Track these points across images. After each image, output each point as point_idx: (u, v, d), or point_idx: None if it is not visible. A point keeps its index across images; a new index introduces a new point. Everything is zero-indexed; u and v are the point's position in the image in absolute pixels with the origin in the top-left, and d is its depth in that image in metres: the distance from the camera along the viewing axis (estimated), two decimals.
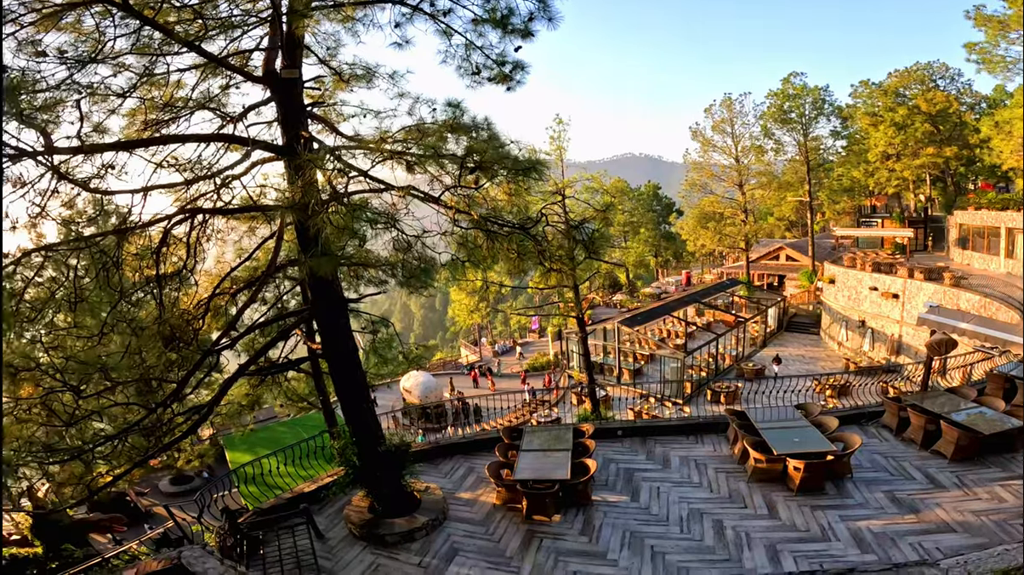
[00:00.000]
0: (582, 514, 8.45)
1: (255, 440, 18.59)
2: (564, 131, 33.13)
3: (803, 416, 10.31)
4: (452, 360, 49.61)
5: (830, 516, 7.81)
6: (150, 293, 7.37)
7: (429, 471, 10.38)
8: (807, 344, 32.29)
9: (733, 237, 43.86)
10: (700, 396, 23.40)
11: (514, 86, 7.72)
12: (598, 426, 11.36)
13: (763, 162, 42.69)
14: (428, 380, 27.46)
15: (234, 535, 7.90)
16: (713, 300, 33.75)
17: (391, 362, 10.28)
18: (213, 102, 7.93)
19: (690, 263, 63.23)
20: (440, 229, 7.17)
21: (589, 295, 51.75)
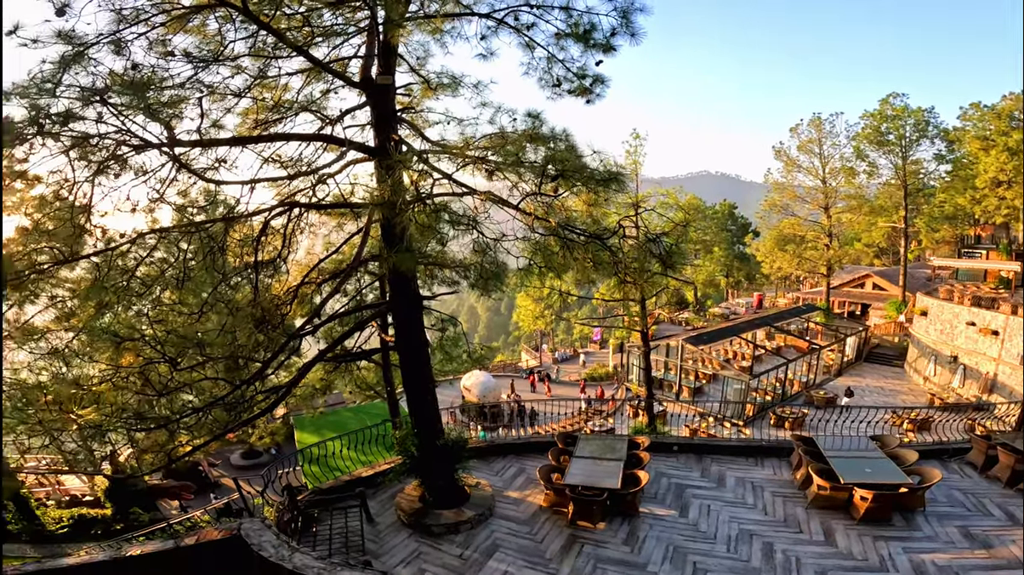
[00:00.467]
0: (627, 524, 8.45)
1: (322, 423, 19.50)
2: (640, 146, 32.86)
3: (878, 447, 9.86)
4: (512, 363, 50.12)
5: (892, 547, 7.49)
6: (247, 278, 8.02)
7: (481, 468, 10.63)
8: (888, 376, 30.04)
9: (814, 261, 41.46)
10: (762, 419, 22.42)
11: (594, 99, 7.84)
12: (654, 439, 11.29)
13: (853, 185, 40.11)
14: (488, 380, 27.90)
15: (292, 511, 8.34)
16: (786, 324, 32.15)
17: (456, 359, 10.66)
18: (314, 105, 8.58)
19: (763, 285, 60.31)
20: (515, 235, 7.37)
21: (655, 311, 50.63)
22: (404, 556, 7.83)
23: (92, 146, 6.07)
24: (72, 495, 20.20)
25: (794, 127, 40.74)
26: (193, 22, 6.83)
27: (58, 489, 20.99)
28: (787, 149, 41.40)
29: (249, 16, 6.26)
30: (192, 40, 6.95)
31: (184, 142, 6.63)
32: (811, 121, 39.69)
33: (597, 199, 7.18)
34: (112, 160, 6.24)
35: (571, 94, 7.86)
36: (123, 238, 7.15)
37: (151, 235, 7.22)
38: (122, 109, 5.92)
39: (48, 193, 6.55)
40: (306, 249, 9.96)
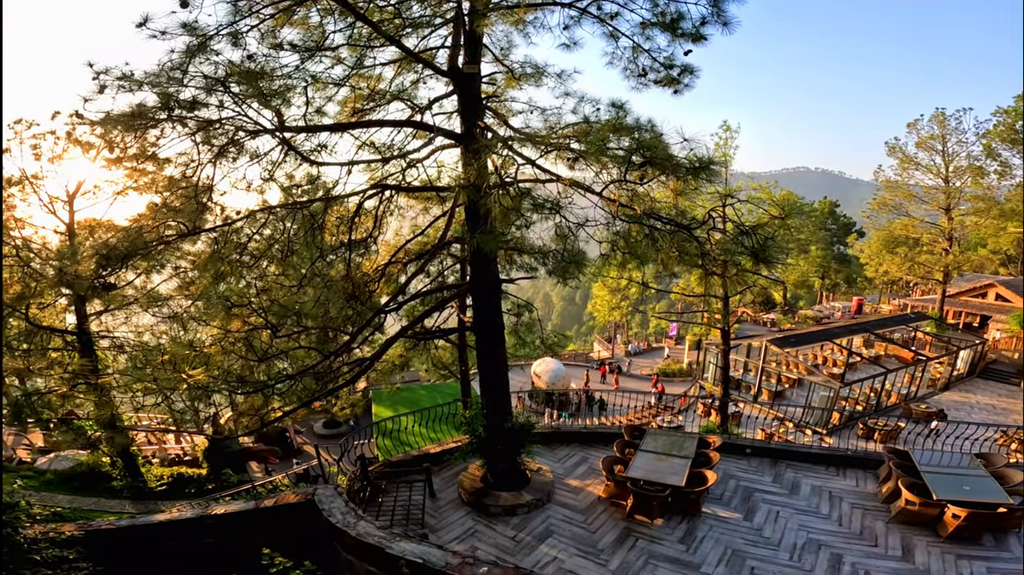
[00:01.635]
0: (686, 523, 8.32)
1: (398, 399, 20.58)
2: (732, 138, 31.21)
3: (981, 465, 9.08)
4: (584, 353, 49.84)
5: (976, 567, 6.99)
6: (341, 255, 8.58)
7: (545, 454, 10.75)
8: (1002, 394, 26.87)
9: (928, 266, 37.45)
10: (849, 430, 20.87)
11: (682, 89, 7.66)
12: (726, 440, 10.98)
13: (981, 186, 35.63)
14: (559, 368, 28.01)
15: (362, 481, 8.81)
16: (889, 332, 29.52)
17: (529, 345, 10.86)
18: (405, 94, 8.98)
19: (864, 290, 55.40)
20: (597, 223, 7.35)
21: (738, 309, 48.14)
22: (460, 533, 8.07)
23: (214, 131, 6.66)
24: (175, 454, 21.94)
25: (912, 122, 36.80)
26: (297, 15, 7.28)
27: (163, 448, 22.87)
28: (903, 146, 37.50)
29: (347, 7, 6.61)
30: (297, 32, 7.43)
31: (291, 127, 7.11)
32: (933, 116, 35.64)
33: (685, 188, 6.97)
34: (231, 144, 6.84)
35: (657, 84, 7.71)
36: (238, 215, 7.82)
37: (261, 213, 7.81)
38: (240, 97, 6.44)
39: (176, 173, 7.23)
40: (394, 230, 10.53)
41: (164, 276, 15.48)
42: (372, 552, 6.46)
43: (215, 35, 6.32)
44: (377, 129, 8.80)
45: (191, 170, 7.04)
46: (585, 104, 8.26)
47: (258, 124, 6.76)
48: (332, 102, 8.57)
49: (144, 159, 6.82)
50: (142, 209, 8.78)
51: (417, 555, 6.17)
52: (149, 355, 8.48)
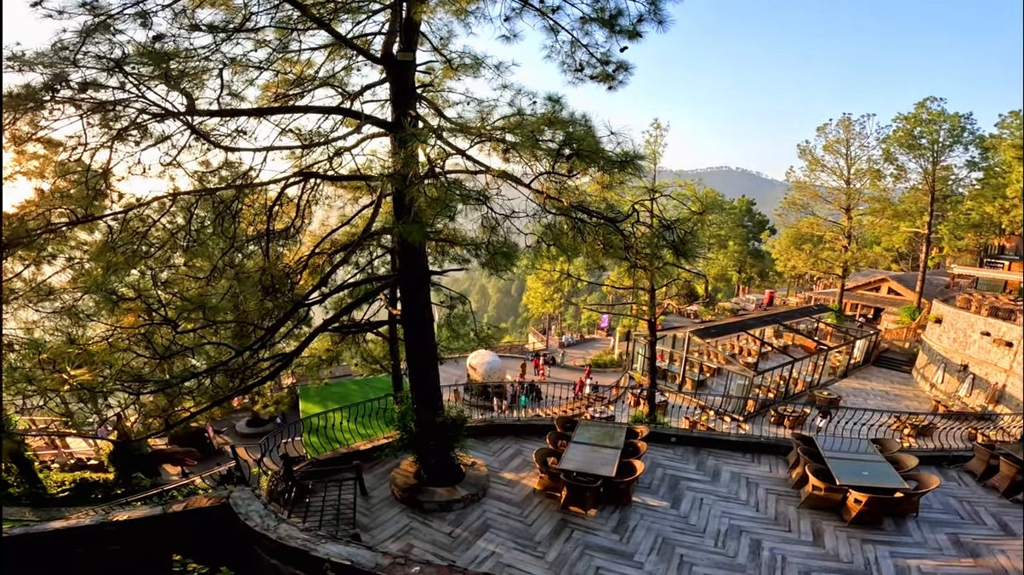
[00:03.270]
0: (619, 512, 8.54)
1: (327, 394, 19.77)
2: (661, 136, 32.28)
3: (878, 451, 9.85)
4: (519, 345, 50.38)
5: (879, 551, 7.52)
6: (260, 246, 8.13)
7: (479, 447, 10.74)
8: (894, 381, 29.83)
9: (830, 262, 40.86)
10: (763, 416, 22.43)
11: (616, 86, 7.81)
12: (652, 430, 11.35)
13: (878, 188, 39.24)
14: (494, 360, 28.07)
15: (286, 481, 8.44)
16: (795, 323, 31.88)
17: (462, 338, 10.72)
18: (335, 80, 8.58)
19: (775, 283, 59.68)
20: (526, 214, 7.40)
21: (664, 301, 50.35)
22: (394, 531, 7.93)
23: (112, 113, 6.13)
24: (78, 458, 20.36)
25: (822, 126, 39.83)
26: None
27: (64, 452, 21.09)
28: (812, 148, 40.53)
29: None
30: (217, 13, 6.98)
31: (203, 111, 6.70)
32: (840, 121, 38.73)
33: (611, 181, 7.15)
34: (133, 127, 6.33)
35: (593, 80, 7.82)
36: (139, 202, 7.22)
37: (164, 199, 7.26)
38: (145, 78, 6.01)
39: (67, 158, 6.63)
40: (321, 221, 10.04)
41: (56, 267, 13.90)
42: (297, 555, 6.21)
43: (119, 14, 5.89)
44: (301, 115, 8.31)
45: (85, 154, 6.44)
46: (522, 97, 8.24)
47: (162, 107, 6.29)
48: (253, 86, 8.09)
49: (32, 142, 6.24)
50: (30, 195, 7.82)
51: (345, 557, 5.96)
52: (26, 353, 7.67)
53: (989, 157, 39.06)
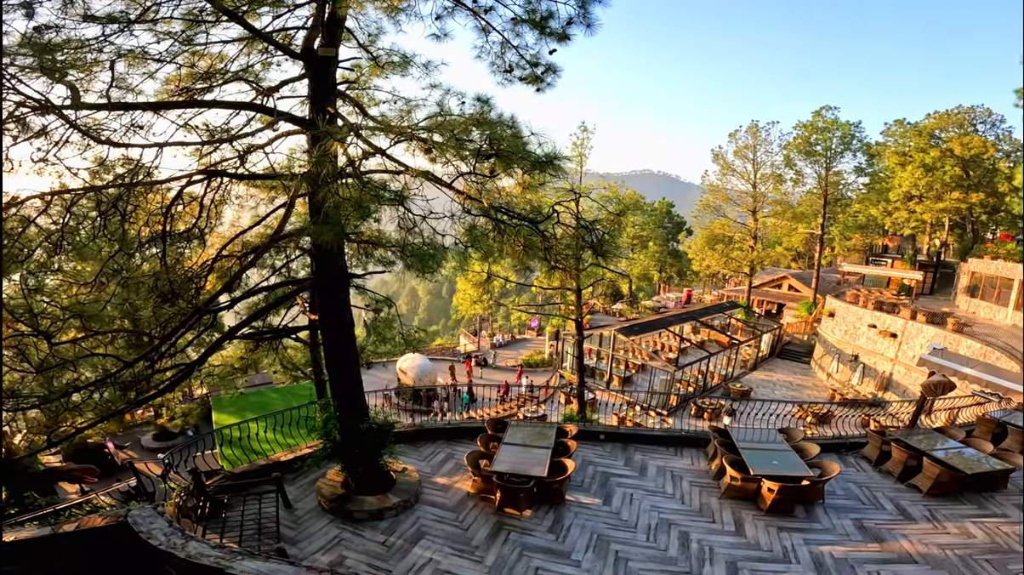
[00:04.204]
0: (553, 512, 8.58)
1: (244, 404, 18.57)
2: (587, 139, 33.18)
3: (785, 440, 10.44)
4: (451, 347, 49.96)
5: (795, 539, 7.94)
6: (157, 248, 7.44)
7: (410, 453, 10.50)
8: (796, 372, 32.44)
9: (739, 261, 43.87)
10: (684, 410, 23.57)
11: (544, 88, 7.90)
12: (581, 428, 11.50)
13: (780, 191, 42.64)
14: (424, 363, 27.65)
15: (198, 497, 7.88)
16: (710, 320, 33.85)
17: (390, 342, 10.46)
18: (249, 74, 8.07)
19: (692, 282, 63.26)
20: (443, 214, 7.30)
21: (590, 301, 51.90)
22: (324, 543, 7.62)
23: None
24: None
25: (733, 132, 42.65)
26: None
27: None
28: (724, 153, 43.33)
29: None
30: (114, 3, 6.40)
31: (88, 104, 6.19)
32: (749, 128, 41.66)
33: (532, 182, 7.17)
34: (11, 120, 5.86)
35: (522, 81, 7.88)
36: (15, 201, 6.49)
37: (44, 197, 6.57)
38: (22, 70, 5.53)
39: None
40: (231, 222, 9.33)
41: None
42: (210, 574, 5.76)
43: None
44: (205, 110, 7.68)
45: None
46: (451, 97, 8.14)
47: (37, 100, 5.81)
48: (154, 79, 7.45)
49: None
50: None
51: (264, 573, 5.62)
52: None
53: (875, 163, 43.57)
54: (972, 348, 21.10)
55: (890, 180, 40.93)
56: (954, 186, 37.10)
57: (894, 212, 40.72)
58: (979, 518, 8.41)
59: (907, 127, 42.43)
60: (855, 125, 40.89)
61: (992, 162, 37.60)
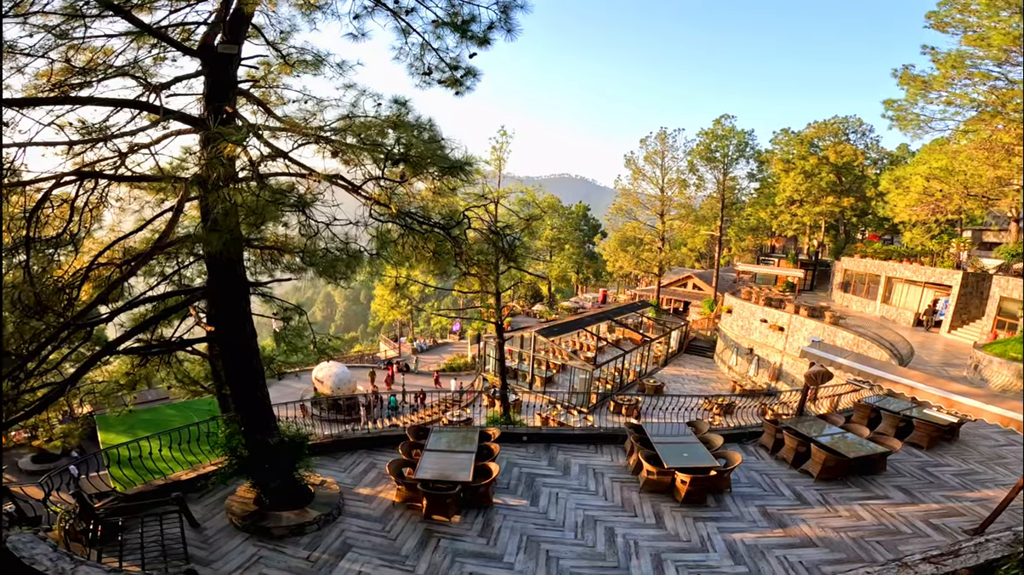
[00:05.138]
0: (482, 516, 8.53)
1: (136, 422, 17.67)
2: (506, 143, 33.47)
3: (693, 433, 11.00)
4: (371, 353, 48.42)
5: (709, 528, 8.38)
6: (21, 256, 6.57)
7: (328, 465, 10.12)
8: (703, 366, 34.68)
9: (649, 262, 46.32)
10: (604, 407, 24.40)
11: (463, 91, 7.89)
12: (504, 430, 11.54)
13: (684, 196, 45.54)
14: (342, 371, 26.64)
15: (87, 520, 7.30)
16: (624, 319, 35.36)
17: (301, 351, 9.96)
18: (137, 70, 7.35)
19: (608, 282, 65.86)
20: (350, 220, 7.09)
21: (510, 303, 52.43)
22: (241, 561, 7.17)
23: None
24: None
25: (644, 139, 45.00)
26: None
27: None
28: (636, 159, 45.53)
29: None
30: None
31: None
32: (658, 135, 44.10)
33: (443, 187, 7.12)
34: None
35: (442, 84, 7.83)
36: None
37: None
38: None
39: None
40: (111, 226, 8.36)
41: None
42: None
43: None
44: (79, 107, 6.86)
45: None
46: (367, 98, 7.87)
47: None
48: (23, 74, 6.70)
49: None
50: None
51: None
52: None
53: (764, 169, 47.80)
54: (847, 339, 23.68)
55: (776, 185, 45.20)
56: (829, 191, 41.71)
57: (779, 215, 45.01)
58: (865, 500, 9.23)
59: (791, 135, 47.01)
60: (748, 133, 44.66)
61: (861, 169, 42.68)
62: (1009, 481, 9.80)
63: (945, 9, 20.91)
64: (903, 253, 30.25)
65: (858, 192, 42.17)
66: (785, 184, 43.08)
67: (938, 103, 22.65)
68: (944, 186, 24.70)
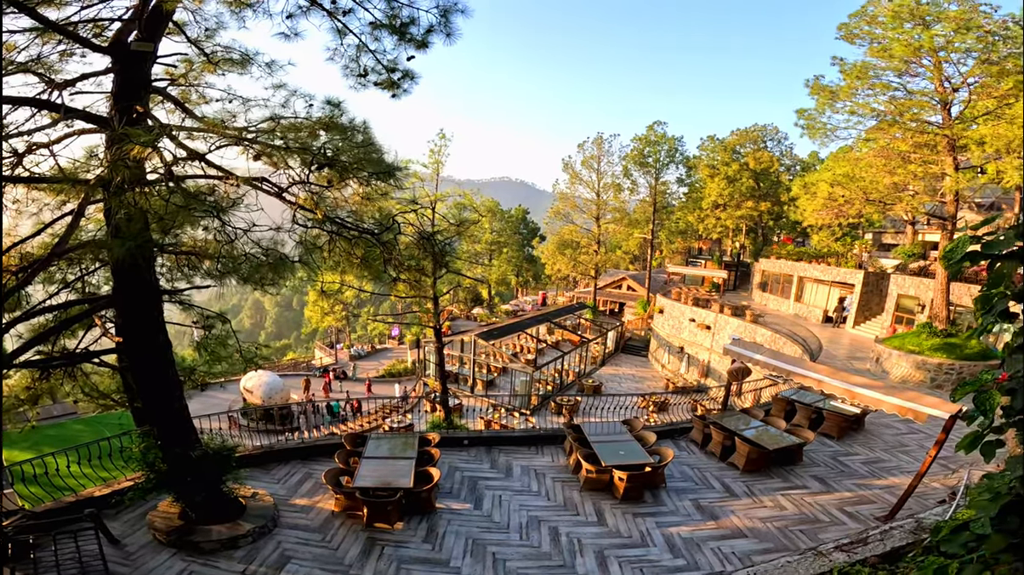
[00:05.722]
0: (426, 522, 8.47)
1: (41, 438, 16.99)
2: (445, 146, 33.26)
3: (628, 431, 11.28)
4: (306, 361, 46.52)
5: (648, 523, 8.66)
6: None
7: (260, 477, 9.74)
8: (638, 365, 35.96)
9: (585, 265, 47.46)
10: (545, 408, 24.75)
11: (400, 94, 7.80)
12: (445, 435, 11.51)
13: (619, 200, 47.02)
14: (273, 380, 25.53)
15: None
16: (563, 321, 36.04)
17: (225, 360, 9.49)
18: (40, 66, 6.86)
19: (547, 285, 66.84)
20: (280, 229, 6.88)
21: (449, 307, 52.07)
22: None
23: None
24: None
25: (581, 144, 46.08)
26: None
27: None
28: (573, 163, 46.55)
29: None
30: None
31: None
32: (595, 140, 45.30)
33: (372, 192, 7.02)
34: None
35: (378, 86, 7.70)
36: None
37: None
38: None
39: None
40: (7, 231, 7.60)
41: None
42: None
43: None
44: None
45: None
46: (298, 99, 7.63)
47: None
48: None
49: None
50: None
51: None
52: None
53: (692, 175, 50.29)
54: (765, 336, 25.35)
55: (703, 190, 47.73)
56: (749, 196, 44.55)
57: (706, 219, 47.56)
58: (787, 490, 9.82)
59: (716, 142, 49.83)
60: (678, 139, 46.80)
61: (776, 175, 45.88)
62: (912, 468, 10.56)
63: (855, 21, 22.22)
64: (812, 254, 32.76)
65: (774, 197, 45.32)
66: (710, 189, 45.62)
67: (843, 112, 24.11)
68: (846, 192, 26.76)
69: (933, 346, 18.01)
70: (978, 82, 20.70)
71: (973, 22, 19.14)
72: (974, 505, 3.61)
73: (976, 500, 3.57)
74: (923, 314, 23.15)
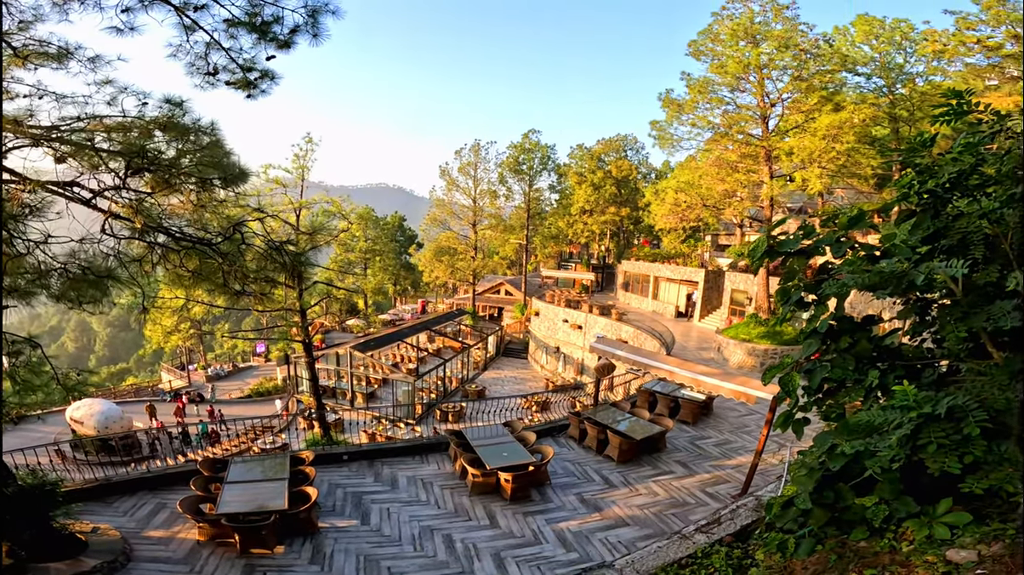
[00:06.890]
0: (310, 542, 8.05)
1: None
2: (312, 150, 31.53)
3: (509, 433, 11.53)
4: (151, 385, 40.96)
5: (538, 521, 8.93)
6: None
7: (100, 511, 8.63)
8: (519, 367, 37.20)
9: (463, 271, 48.04)
10: (431, 416, 24.62)
11: (257, 95, 7.27)
12: (321, 451, 11.05)
13: (495, 206, 48.26)
14: (108, 409, 22.48)
15: None
16: (443, 328, 36.14)
17: (41, 389, 8.26)
18: None
19: (426, 293, 66.32)
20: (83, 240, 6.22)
21: (320, 320, 49.43)
22: None
23: None
24: None
25: (459, 150, 46.49)
26: None
27: None
28: (450, 169, 46.81)
29: None
30: None
31: None
32: (472, 147, 45.97)
33: (208, 199, 6.59)
34: None
35: (230, 86, 7.11)
36: None
37: None
38: None
39: None
40: None
41: None
42: None
43: None
44: None
45: None
46: (129, 95, 6.79)
47: None
48: None
49: None
50: None
51: None
52: None
53: (563, 182, 53.34)
54: (629, 332, 27.81)
55: (572, 197, 50.93)
56: (612, 202, 48.48)
57: (574, 224, 50.81)
58: (657, 477, 10.64)
59: (584, 151, 53.50)
60: (551, 147, 49.31)
61: (635, 182, 50.49)
62: (754, 447, 11.40)
63: (702, 39, 24.87)
64: (664, 256, 36.59)
65: (633, 203, 49.82)
66: (578, 195, 48.87)
67: (687, 124, 27.10)
68: (688, 198, 30.18)
69: (759, 334, 21.08)
70: (791, 98, 24.45)
71: (792, 40, 22.39)
72: (795, 481, 4.26)
73: (796, 476, 4.23)
74: (751, 306, 27.01)
